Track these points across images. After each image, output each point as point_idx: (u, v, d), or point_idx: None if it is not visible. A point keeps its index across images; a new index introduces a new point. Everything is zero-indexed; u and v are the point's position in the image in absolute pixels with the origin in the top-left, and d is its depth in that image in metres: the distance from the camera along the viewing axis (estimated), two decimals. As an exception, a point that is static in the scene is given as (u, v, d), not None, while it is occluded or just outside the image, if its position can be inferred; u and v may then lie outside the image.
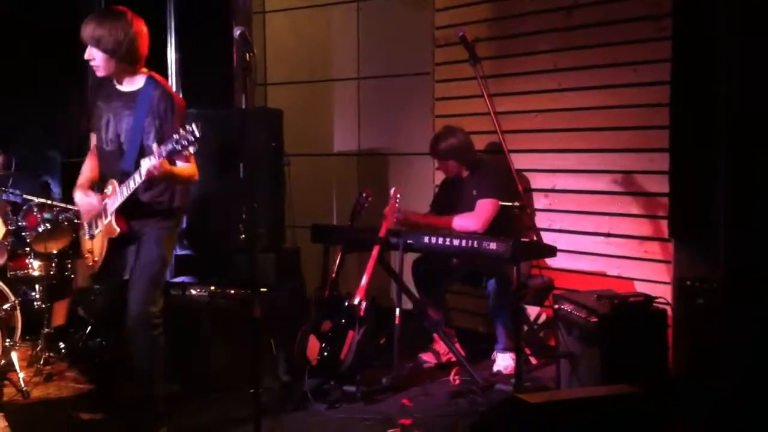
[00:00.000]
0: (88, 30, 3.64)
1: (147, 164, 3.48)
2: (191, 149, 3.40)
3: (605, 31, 4.90)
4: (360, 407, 4.28)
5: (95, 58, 3.67)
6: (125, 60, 3.69)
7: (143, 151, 3.65)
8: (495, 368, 4.84)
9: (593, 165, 5.02)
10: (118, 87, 3.79)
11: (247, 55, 3.43)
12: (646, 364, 3.83)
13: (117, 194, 3.67)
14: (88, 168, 3.94)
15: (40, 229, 4.98)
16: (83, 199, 3.81)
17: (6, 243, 4.88)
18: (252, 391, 3.40)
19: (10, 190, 5.04)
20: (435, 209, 5.20)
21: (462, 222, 4.82)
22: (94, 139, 3.93)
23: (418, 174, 5.99)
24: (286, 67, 6.65)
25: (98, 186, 3.87)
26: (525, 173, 5.28)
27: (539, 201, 5.30)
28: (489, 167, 5.01)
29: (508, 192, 4.68)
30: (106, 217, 3.74)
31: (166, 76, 5.95)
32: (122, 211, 3.70)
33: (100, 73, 3.75)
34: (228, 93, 6.12)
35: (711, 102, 4.22)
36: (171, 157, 3.51)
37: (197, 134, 3.36)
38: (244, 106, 3.50)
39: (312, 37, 6.55)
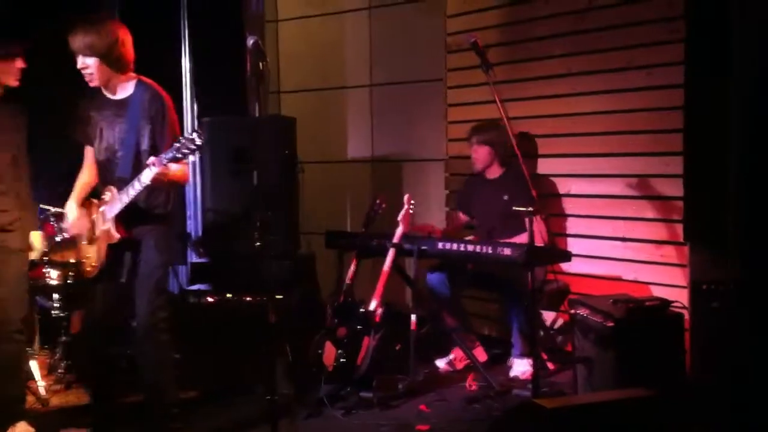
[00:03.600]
0: (78, 39, 3.65)
1: (150, 173, 3.49)
2: (191, 158, 3.42)
3: (618, 34, 4.89)
4: (376, 413, 4.28)
5: (89, 65, 3.68)
6: (115, 66, 3.71)
7: (139, 156, 3.68)
8: (512, 373, 4.84)
9: (607, 169, 5.01)
10: (110, 96, 3.80)
11: (260, 63, 3.44)
12: (662, 368, 3.82)
13: (116, 200, 3.68)
14: (83, 179, 3.95)
15: (57, 239, 5.01)
16: (74, 216, 3.84)
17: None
18: (268, 397, 3.41)
19: None
20: (462, 207, 5.24)
21: None
22: (89, 151, 3.94)
23: (431, 180, 6.00)
24: (299, 74, 6.68)
25: (96, 194, 3.90)
26: (539, 178, 5.27)
27: (554, 206, 5.29)
28: (520, 175, 4.89)
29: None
30: (104, 223, 3.75)
31: (179, 84, 6.00)
32: (121, 218, 3.72)
33: (93, 83, 3.74)
34: (241, 101, 6.14)
35: (725, 104, 4.21)
36: (171, 163, 3.52)
37: (198, 143, 3.38)
38: (257, 114, 3.52)
39: (324, 45, 6.57)
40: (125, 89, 3.79)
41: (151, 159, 3.52)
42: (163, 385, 3.82)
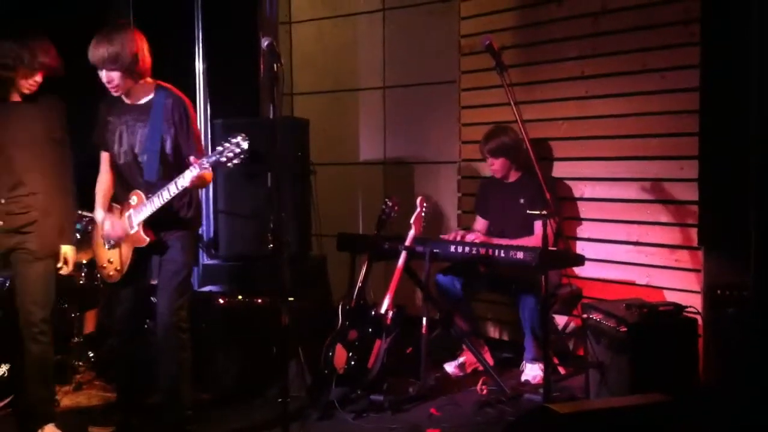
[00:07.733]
0: (99, 53, 3.61)
1: (191, 174, 3.52)
2: (236, 161, 3.42)
3: (633, 37, 4.87)
4: (387, 416, 4.27)
5: (113, 78, 3.67)
6: (137, 75, 3.72)
7: (164, 160, 3.71)
8: (523, 378, 4.82)
9: (622, 173, 4.98)
10: (129, 101, 3.81)
11: (275, 65, 3.44)
12: (675, 374, 3.80)
13: (145, 205, 3.70)
14: (104, 186, 3.95)
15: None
16: (110, 221, 3.84)
17: None
18: (280, 399, 3.41)
19: None
20: (481, 212, 5.22)
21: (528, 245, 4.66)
22: (105, 156, 3.94)
23: (443, 182, 5.98)
24: (312, 76, 6.68)
25: (116, 199, 3.91)
26: (553, 181, 5.24)
27: (567, 209, 5.26)
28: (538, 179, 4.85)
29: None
30: (132, 227, 3.77)
31: (193, 86, 6.01)
32: (149, 221, 3.73)
33: (117, 93, 3.75)
34: (255, 103, 6.16)
35: (741, 108, 4.17)
36: (210, 167, 3.54)
37: (244, 146, 3.39)
38: (271, 116, 3.52)
39: (338, 47, 6.57)
40: (145, 94, 3.80)
41: (192, 159, 3.55)
42: (180, 386, 3.84)
